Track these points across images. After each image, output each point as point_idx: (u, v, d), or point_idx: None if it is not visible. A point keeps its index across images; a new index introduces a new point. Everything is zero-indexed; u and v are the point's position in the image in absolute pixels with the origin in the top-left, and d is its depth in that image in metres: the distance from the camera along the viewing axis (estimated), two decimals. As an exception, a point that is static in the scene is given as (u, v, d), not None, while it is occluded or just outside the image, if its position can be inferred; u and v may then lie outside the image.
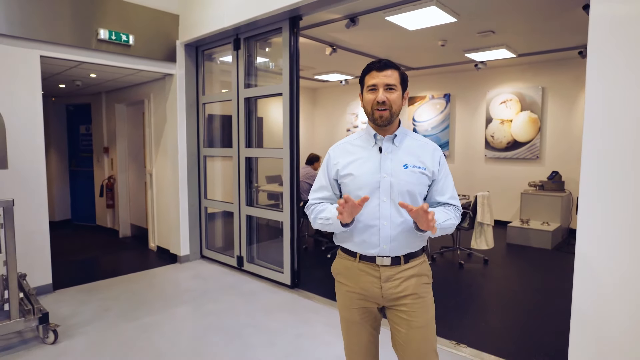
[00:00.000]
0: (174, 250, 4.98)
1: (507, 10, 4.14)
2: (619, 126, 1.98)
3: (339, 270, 1.70)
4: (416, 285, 1.58)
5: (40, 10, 3.65)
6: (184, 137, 4.80)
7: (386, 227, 1.54)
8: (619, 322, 2.02)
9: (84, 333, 3.09)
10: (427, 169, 1.58)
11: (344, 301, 1.67)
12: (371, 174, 1.56)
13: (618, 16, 1.98)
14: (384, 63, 1.54)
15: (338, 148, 1.68)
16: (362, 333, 1.65)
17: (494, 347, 2.83)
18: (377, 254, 1.56)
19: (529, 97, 6.64)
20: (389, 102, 1.52)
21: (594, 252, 2.09)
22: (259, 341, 2.98)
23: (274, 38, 4.19)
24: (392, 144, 1.59)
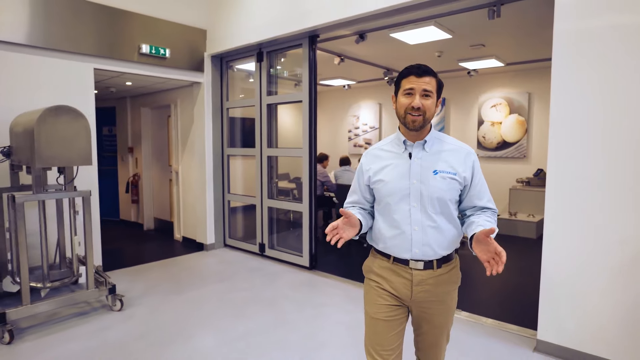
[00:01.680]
0: (201, 240, 5.57)
1: (495, 28, 4.77)
2: (577, 129, 2.62)
3: (371, 268, 1.71)
4: (445, 293, 1.63)
5: (95, 29, 4.22)
6: (210, 138, 5.40)
7: (417, 232, 1.56)
8: (575, 292, 2.66)
9: (142, 304, 3.68)
10: (458, 175, 1.57)
11: (372, 297, 1.67)
12: (400, 181, 1.57)
13: (576, 33, 2.60)
14: (423, 70, 1.53)
15: (370, 154, 1.72)
16: (385, 331, 1.64)
17: (486, 311, 3.47)
18: (410, 258, 1.58)
19: (516, 102, 7.30)
20: (423, 108, 1.51)
21: (558, 236, 2.73)
22: (290, 308, 3.59)
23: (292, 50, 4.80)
24: (423, 150, 1.59)
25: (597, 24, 2.50)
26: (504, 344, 2.93)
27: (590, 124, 2.57)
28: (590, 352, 2.59)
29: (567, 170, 2.67)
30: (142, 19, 4.62)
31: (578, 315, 2.65)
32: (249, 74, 5.63)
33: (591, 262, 2.59)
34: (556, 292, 2.74)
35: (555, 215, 2.73)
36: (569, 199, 2.66)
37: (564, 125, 2.67)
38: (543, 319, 2.80)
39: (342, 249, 5.44)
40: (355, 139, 9.50)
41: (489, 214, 1.62)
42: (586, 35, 2.55)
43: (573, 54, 2.61)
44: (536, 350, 2.82)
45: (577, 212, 2.64)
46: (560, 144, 2.69)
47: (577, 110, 2.61)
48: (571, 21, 2.60)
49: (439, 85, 1.57)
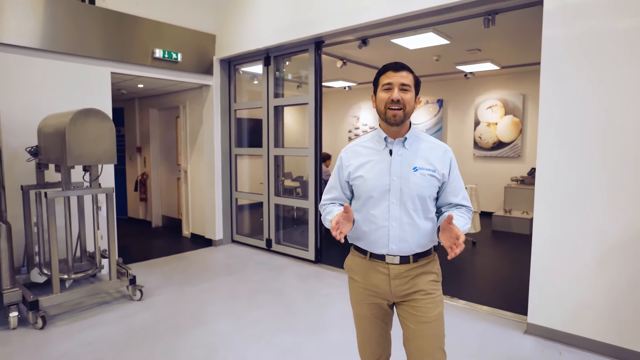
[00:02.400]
0: (209, 236, 5.82)
1: (491, 34, 5.03)
2: (563, 131, 2.88)
3: (351, 266, 1.74)
4: (424, 282, 1.62)
5: (112, 35, 4.46)
6: (219, 138, 5.64)
7: (395, 228, 1.58)
8: (560, 280, 2.92)
9: (160, 294, 3.92)
10: (437, 172, 1.60)
11: (355, 296, 1.72)
12: (381, 177, 1.59)
13: (563, 39, 2.86)
14: (400, 65, 1.57)
15: (350, 150, 1.72)
16: (373, 327, 1.70)
17: (481, 300, 3.73)
18: (387, 253, 1.60)
19: (511, 103, 7.57)
20: (403, 102, 1.54)
21: (546, 229, 2.99)
22: (298, 297, 3.84)
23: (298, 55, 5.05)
24: (403, 147, 1.62)
25: (583, 30, 2.76)
26: (497, 328, 3.19)
27: (575, 126, 2.83)
28: (574, 332, 2.86)
29: (554, 169, 2.93)
30: (156, 25, 4.85)
31: (563, 300, 2.91)
32: (253, 76, 5.89)
33: (575, 252, 2.85)
34: (544, 279, 3.00)
35: (544, 210, 2.99)
36: (556, 196, 2.92)
37: (552, 127, 2.94)
38: (532, 304, 3.06)
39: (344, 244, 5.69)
40: (356, 139, 9.75)
41: (463, 211, 1.64)
42: (572, 41, 2.81)
43: (560, 58, 2.87)
44: (526, 332, 3.08)
45: (562, 208, 2.90)
46: (549, 146, 2.96)
47: (563, 113, 2.88)
48: (558, 28, 2.86)
49: (416, 81, 1.60)
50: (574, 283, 2.86)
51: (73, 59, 4.21)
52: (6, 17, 3.72)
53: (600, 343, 2.76)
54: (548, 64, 2.94)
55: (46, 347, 2.90)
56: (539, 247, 3.02)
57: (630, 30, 2.57)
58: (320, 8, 4.29)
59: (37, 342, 2.97)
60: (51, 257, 3.21)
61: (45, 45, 3.96)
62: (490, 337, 3.04)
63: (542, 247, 3.01)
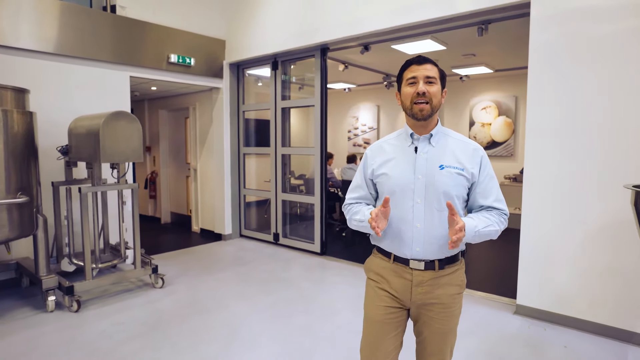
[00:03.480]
0: (219, 230, 6.13)
1: (484, 40, 5.37)
2: (547, 132, 3.22)
3: (372, 268, 1.67)
4: (447, 296, 1.55)
5: (130, 41, 4.76)
6: (228, 138, 5.96)
7: (419, 229, 1.51)
8: (545, 266, 3.26)
9: (179, 282, 4.24)
10: (466, 170, 1.52)
11: (371, 298, 1.64)
12: (405, 175, 1.53)
13: (547, 44, 3.19)
14: (423, 58, 1.51)
15: (375, 147, 1.67)
16: (382, 334, 1.59)
17: (477, 286, 4.07)
18: (411, 257, 1.53)
19: (504, 104, 7.94)
20: (429, 95, 1.47)
21: (532, 220, 3.33)
22: (307, 285, 4.17)
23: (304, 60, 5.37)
24: (429, 144, 1.55)
25: (566, 35, 3.09)
26: (490, 310, 3.54)
27: (558, 126, 3.17)
28: (557, 311, 3.21)
29: (540, 167, 3.27)
30: (171, 31, 5.16)
31: (548, 284, 3.26)
32: (258, 78, 6.21)
33: (558, 240, 3.20)
34: (531, 266, 3.34)
35: (531, 204, 3.34)
36: (541, 191, 3.27)
37: (537, 127, 3.28)
38: (521, 287, 3.41)
39: (346, 237, 6.03)
40: (355, 138, 10.09)
41: (493, 213, 1.54)
42: (556, 46, 3.14)
43: (545, 62, 3.22)
44: (515, 313, 3.43)
45: (547, 202, 3.24)
46: (534, 145, 3.30)
47: (546, 114, 3.22)
48: (544, 33, 3.19)
49: (441, 74, 1.54)
50: (557, 268, 3.21)
51: (97, 64, 4.51)
52: (44, 27, 4.03)
53: (579, 320, 3.10)
54: (535, 67, 3.29)
55: (84, 326, 3.21)
56: (527, 237, 3.37)
57: (609, 36, 2.91)
58: (326, 17, 4.62)
59: (74, 322, 3.27)
60: (84, 247, 3.52)
61: (72, 51, 4.26)
62: (483, 318, 3.39)
63: (530, 237, 3.35)
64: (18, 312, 3.45)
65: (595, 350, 2.83)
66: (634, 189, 2.28)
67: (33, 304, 3.61)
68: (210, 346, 2.91)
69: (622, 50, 2.86)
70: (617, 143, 2.91)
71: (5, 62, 3.85)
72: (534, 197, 3.32)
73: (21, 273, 3.96)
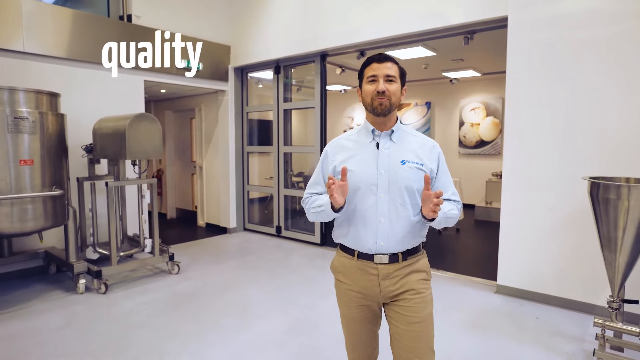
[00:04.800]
0: (224, 224, 6.53)
1: (472, 47, 5.81)
2: (521, 133, 3.67)
3: (337, 268, 1.69)
4: (414, 282, 1.58)
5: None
6: (233, 137, 6.35)
7: (383, 223, 1.54)
8: (522, 250, 3.70)
9: (192, 269, 4.63)
10: (425, 166, 1.57)
11: (343, 299, 1.67)
12: (368, 170, 1.55)
13: (523, 49, 3.63)
14: (384, 56, 1.54)
15: (335, 144, 1.68)
16: (361, 330, 1.66)
17: (462, 270, 4.51)
18: (375, 252, 1.56)
19: (492, 106, 8.40)
20: (388, 93, 1.51)
21: (510, 210, 3.77)
22: (310, 271, 4.59)
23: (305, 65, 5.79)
24: (390, 140, 1.59)
25: (540, 41, 3.52)
26: (473, 290, 3.98)
27: (531, 126, 3.61)
28: (532, 289, 3.65)
29: (517, 163, 3.72)
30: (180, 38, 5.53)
31: (524, 265, 3.70)
32: (258, 80, 6.61)
33: (532, 227, 3.64)
34: (509, 250, 3.79)
35: (509, 197, 3.78)
36: (518, 185, 3.72)
37: (512, 127, 3.72)
38: (500, 269, 3.85)
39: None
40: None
41: (452, 202, 1.63)
42: (533, 50, 3.57)
43: (520, 65, 3.65)
44: (496, 292, 3.87)
45: (522, 194, 3.69)
46: (511, 143, 3.74)
47: (517, 115, 3.66)
48: (518, 44, 3.63)
49: (401, 72, 1.57)
50: (532, 252, 3.65)
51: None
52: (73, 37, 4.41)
53: (551, 296, 3.55)
54: (511, 76, 3.72)
55: (113, 305, 3.60)
56: (506, 225, 3.81)
57: (580, 42, 3.35)
58: (325, 26, 5.03)
59: (104, 302, 3.66)
60: (110, 235, 3.91)
61: (93, 58, 4.63)
62: (467, 296, 3.83)
63: (508, 225, 3.80)
64: (51, 294, 3.83)
65: (562, 320, 3.28)
66: (590, 180, 2.72)
67: (63, 288, 3.99)
68: (228, 319, 3.32)
69: (583, 59, 3.30)
70: (581, 141, 3.35)
71: (40, 68, 4.23)
72: (511, 191, 3.77)
73: (49, 261, 4.33)
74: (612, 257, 2.60)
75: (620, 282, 2.59)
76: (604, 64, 3.24)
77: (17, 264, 4.23)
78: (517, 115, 3.71)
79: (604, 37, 3.22)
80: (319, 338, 3.01)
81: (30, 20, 4.18)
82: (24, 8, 4.14)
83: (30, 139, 3.53)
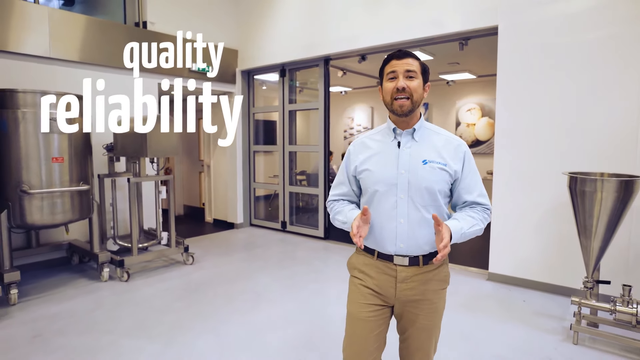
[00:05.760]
0: (231, 220, 6.85)
1: (467, 51, 6.15)
2: (509, 133, 4.00)
3: (355, 265, 1.66)
4: (432, 292, 1.55)
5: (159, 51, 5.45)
6: (240, 137, 6.67)
7: (403, 225, 1.50)
8: (510, 240, 4.04)
9: (205, 261, 4.95)
10: (449, 166, 1.51)
11: (355, 295, 1.62)
12: (388, 170, 1.51)
13: (511, 52, 3.97)
14: (404, 52, 1.49)
15: (358, 143, 1.66)
16: (364, 331, 1.58)
17: (457, 261, 4.84)
18: (395, 253, 1.52)
19: (487, 106, 8.75)
20: (409, 90, 1.45)
21: (501, 205, 4.10)
22: (316, 262, 4.91)
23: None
24: (412, 139, 1.53)
25: (527, 45, 3.86)
26: (467, 278, 4.31)
27: (519, 127, 3.95)
28: (520, 276, 3.99)
29: (507, 162, 4.05)
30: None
31: (513, 254, 4.04)
32: (262, 82, 6.94)
33: (519, 220, 3.98)
34: (500, 241, 4.12)
35: (499, 193, 4.11)
36: (507, 180, 4.05)
37: (503, 130, 4.06)
38: (492, 259, 4.19)
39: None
40: (350, 137, 10.84)
41: (478, 210, 1.55)
42: (520, 55, 3.91)
43: (509, 69, 3.98)
44: (488, 279, 4.20)
45: (512, 190, 4.02)
46: (502, 144, 4.08)
47: (508, 119, 4.00)
48: (509, 44, 3.96)
49: (423, 68, 1.52)
50: (520, 242, 3.99)
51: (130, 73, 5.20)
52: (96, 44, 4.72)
53: (537, 282, 3.89)
54: (501, 74, 4.06)
55: (136, 291, 3.92)
56: (496, 218, 4.14)
57: (560, 47, 3.68)
58: (329, 33, 5.36)
59: (127, 288, 3.98)
60: (131, 228, 4.23)
61: (111, 62, 4.95)
62: (460, 282, 4.16)
63: (499, 218, 4.13)
64: (76, 282, 4.14)
65: (546, 302, 3.61)
66: (569, 175, 3.06)
67: (87, 277, 4.31)
68: (242, 304, 3.64)
69: (565, 63, 3.64)
70: (564, 140, 3.69)
71: (64, 72, 4.55)
72: (501, 187, 4.10)
73: (72, 252, 4.64)
74: (587, 243, 2.93)
75: (594, 264, 2.92)
76: (582, 68, 3.57)
77: (43, 255, 4.54)
78: (506, 116, 4.04)
79: (583, 43, 3.55)
80: (328, 316, 3.34)
81: (55, 27, 4.49)
82: (50, 16, 4.45)
83: (60, 139, 3.84)
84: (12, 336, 3.00)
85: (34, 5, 4.44)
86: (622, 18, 3.38)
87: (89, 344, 2.90)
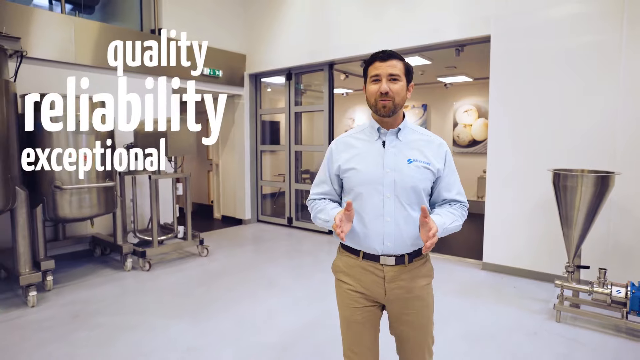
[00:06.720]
0: (239, 216, 7.19)
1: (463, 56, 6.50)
2: (500, 133, 4.35)
3: (340, 268, 1.65)
4: (419, 288, 1.58)
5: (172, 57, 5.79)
6: (248, 137, 7.01)
7: (390, 223, 1.51)
8: (503, 232, 4.38)
9: (218, 253, 5.29)
10: (432, 165, 1.54)
11: (345, 300, 1.63)
12: (374, 169, 1.52)
13: (502, 56, 4.31)
14: (387, 53, 1.49)
15: (340, 142, 1.64)
16: (363, 333, 1.60)
17: (453, 253, 5.18)
18: (381, 252, 1.53)
19: (484, 108, 9.09)
20: (392, 93, 1.47)
21: (494, 200, 4.45)
22: (321, 254, 5.25)
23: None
24: (396, 138, 1.55)
25: (516, 51, 4.19)
26: (463, 267, 4.66)
27: (509, 129, 4.29)
28: (511, 265, 4.34)
29: (500, 161, 4.39)
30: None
31: (505, 245, 4.38)
32: (267, 84, 7.28)
33: (511, 213, 4.32)
34: (493, 233, 4.47)
35: (493, 189, 4.46)
36: (500, 177, 4.40)
37: (495, 131, 4.41)
38: (485, 249, 4.53)
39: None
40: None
41: (457, 207, 1.59)
42: (511, 60, 4.24)
43: (501, 74, 4.33)
44: (482, 269, 4.55)
45: (504, 186, 4.37)
46: (495, 144, 4.43)
47: (500, 120, 4.34)
48: (501, 49, 4.30)
49: (407, 69, 1.52)
50: (511, 233, 4.34)
51: (146, 76, 5.54)
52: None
53: (528, 270, 4.23)
54: (493, 78, 4.40)
55: (158, 280, 4.26)
56: (490, 211, 4.49)
57: (549, 51, 4.02)
58: (333, 39, 5.70)
59: (149, 277, 4.32)
60: (152, 221, 4.56)
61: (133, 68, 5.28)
62: (456, 272, 4.51)
63: (492, 211, 4.48)
64: (101, 272, 4.48)
65: (534, 288, 3.96)
66: (553, 171, 3.40)
67: (110, 267, 4.64)
68: (257, 290, 3.98)
69: (550, 67, 3.98)
70: (551, 139, 4.03)
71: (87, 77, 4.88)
72: (494, 184, 4.45)
73: (95, 245, 4.97)
74: (569, 232, 3.28)
75: (574, 251, 3.27)
76: (565, 73, 3.91)
77: (68, 247, 4.87)
78: (499, 118, 4.39)
79: (567, 49, 3.90)
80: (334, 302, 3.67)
81: (79, 35, 4.82)
82: (74, 25, 4.78)
83: (87, 138, 4.18)
84: (55, 316, 3.34)
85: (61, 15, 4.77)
86: (602, 27, 3.73)
87: (123, 322, 3.24)
